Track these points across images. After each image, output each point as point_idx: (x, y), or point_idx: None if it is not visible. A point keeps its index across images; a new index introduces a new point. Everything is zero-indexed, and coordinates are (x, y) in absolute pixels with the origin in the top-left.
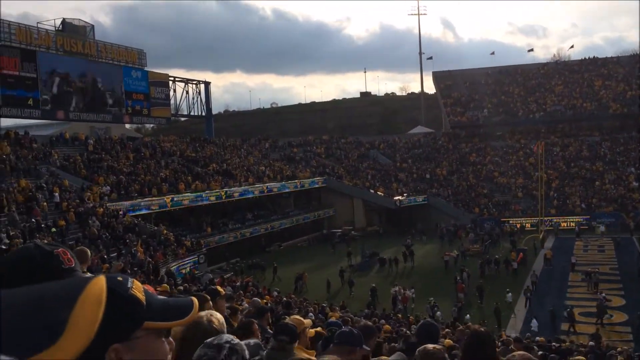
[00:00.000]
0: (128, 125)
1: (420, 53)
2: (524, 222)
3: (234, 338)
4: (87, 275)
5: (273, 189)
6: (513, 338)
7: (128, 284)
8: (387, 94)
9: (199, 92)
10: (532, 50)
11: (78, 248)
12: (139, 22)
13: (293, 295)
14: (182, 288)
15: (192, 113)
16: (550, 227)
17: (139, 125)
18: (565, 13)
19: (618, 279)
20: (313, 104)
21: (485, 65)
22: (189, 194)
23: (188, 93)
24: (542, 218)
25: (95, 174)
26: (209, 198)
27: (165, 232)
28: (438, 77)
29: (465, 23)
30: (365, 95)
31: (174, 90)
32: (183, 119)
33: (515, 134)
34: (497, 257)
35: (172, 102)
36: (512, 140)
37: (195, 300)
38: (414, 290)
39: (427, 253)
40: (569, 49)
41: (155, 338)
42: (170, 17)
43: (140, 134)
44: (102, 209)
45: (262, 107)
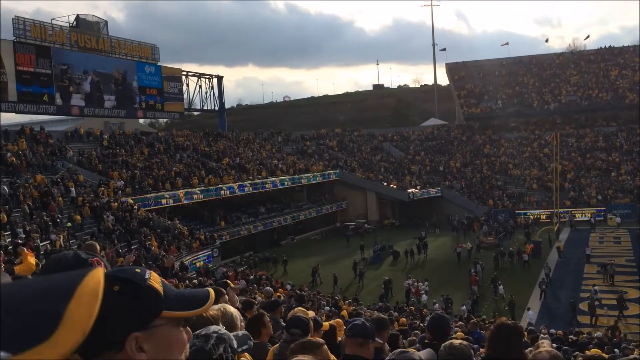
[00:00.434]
0: (142, 120)
1: (434, 44)
2: (539, 214)
3: (222, 328)
4: (83, 269)
5: (286, 183)
6: (526, 330)
7: (146, 275)
8: (400, 86)
9: (212, 86)
10: (548, 41)
11: (87, 242)
12: (152, 17)
13: (306, 289)
14: (196, 282)
15: (205, 107)
16: (564, 219)
17: (153, 120)
18: (580, 2)
19: (634, 271)
20: (325, 97)
21: (499, 56)
22: (203, 188)
23: (201, 87)
24: (557, 210)
25: (110, 169)
26: (222, 192)
27: (180, 226)
28: (451, 68)
29: (479, 14)
30: (378, 88)
31: (187, 85)
32: (196, 114)
33: (530, 125)
34: (511, 249)
35: (185, 96)
36: (526, 132)
37: (212, 291)
38: (428, 283)
39: (440, 245)
40: (585, 39)
41: (174, 327)
42: (183, 11)
43: (154, 129)
44: (116, 204)
45: (274, 100)
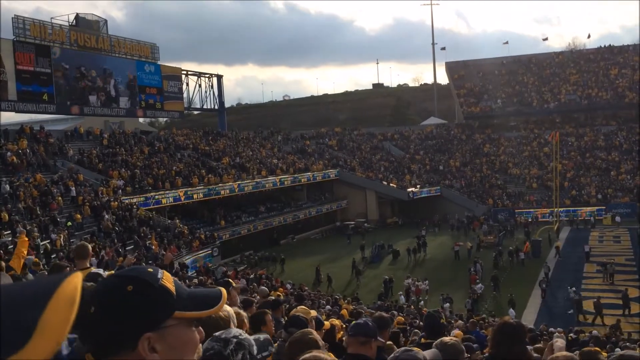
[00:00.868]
0: (141, 119)
1: (433, 43)
2: (539, 213)
3: (243, 332)
4: (61, 274)
5: (286, 182)
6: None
7: (158, 275)
8: (399, 85)
9: (212, 85)
10: (547, 39)
11: (79, 243)
12: (151, 16)
13: (307, 288)
14: (196, 281)
15: (204, 106)
16: (561, 219)
17: (152, 119)
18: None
19: (634, 270)
20: (325, 96)
21: (499, 55)
22: (203, 187)
23: (201, 86)
24: (557, 209)
25: (110, 168)
26: (222, 191)
27: (180, 225)
28: (451, 67)
29: (479, 13)
30: (378, 87)
31: (187, 84)
32: (196, 113)
33: (530, 124)
34: (511, 248)
35: (185, 95)
36: (526, 131)
37: (224, 291)
38: (428, 282)
39: (440, 245)
40: (587, 38)
41: (186, 327)
42: (182, 10)
43: (154, 128)
44: (116, 203)
45: (274, 99)
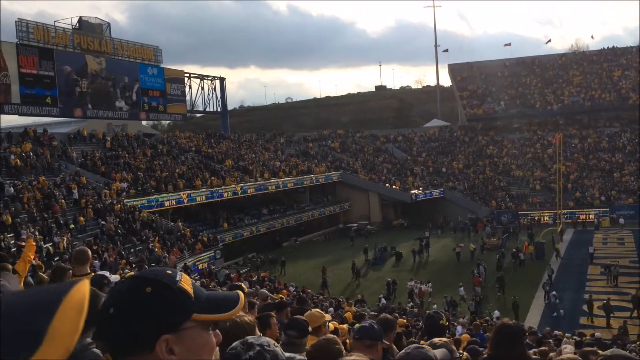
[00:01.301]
0: (144, 122)
1: (436, 45)
2: (542, 215)
3: (273, 344)
4: (69, 282)
5: (288, 184)
6: (529, 331)
7: (177, 277)
8: (402, 87)
9: (215, 88)
10: (550, 42)
11: (78, 248)
12: (154, 18)
13: (309, 290)
14: (198, 284)
15: (207, 109)
16: (564, 221)
17: (155, 122)
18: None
19: (638, 272)
20: (328, 99)
21: (502, 57)
22: (205, 190)
23: (203, 89)
24: (560, 211)
25: (113, 171)
26: (225, 194)
27: (182, 227)
28: (454, 69)
29: (481, 15)
30: (380, 89)
31: (190, 87)
32: (199, 115)
33: (533, 126)
34: (514, 250)
35: (187, 98)
36: (529, 133)
37: (242, 295)
38: (431, 284)
39: (443, 247)
40: (591, 39)
41: (203, 330)
42: (185, 13)
43: (157, 131)
44: (119, 206)
45: (277, 102)
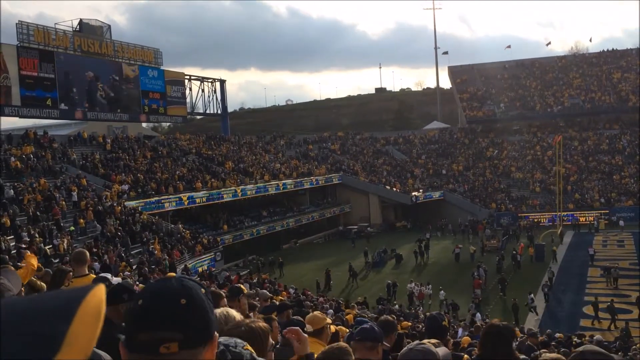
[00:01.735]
0: (145, 124)
1: (436, 48)
2: (542, 217)
3: (242, 346)
4: (85, 286)
5: (288, 186)
6: (529, 333)
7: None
8: (402, 90)
9: (215, 90)
10: (550, 44)
11: (77, 250)
12: (154, 21)
13: (309, 292)
14: None
15: (207, 111)
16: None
17: (156, 124)
18: (583, 4)
19: (638, 274)
20: (328, 101)
21: (502, 59)
22: (205, 192)
23: (204, 91)
24: (560, 213)
25: (113, 173)
26: (225, 196)
27: (183, 229)
28: (454, 71)
29: (481, 17)
30: (381, 91)
31: (190, 89)
32: (199, 117)
33: (532, 128)
34: (513, 252)
35: (188, 100)
36: (529, 135)
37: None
38: (431, 287)
39: (443, 249)
40: (589, 41)
41: None
42: (185, 15)
43: (157, 133)
44: (119, 208)
45: (277, 104)
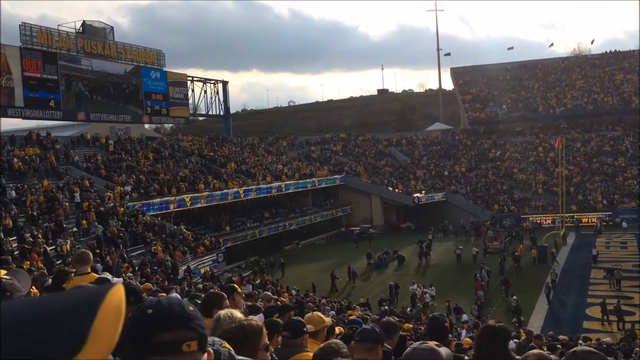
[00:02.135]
0: (147, 125)
1: (438, 49)
2: (545, 218)
3: (221, 344)
4: (104, 285)
5: (291, 188)
6: (534, 335)
7: None
8: (404, 91)
9: (217, 91)
10: (552, 45)
11: (80, 251)
12: (156, 22)
13: (311, 294)
14: (201, 287)
15: (210, 112)
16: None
17: (158, 125)
18: (585, 5)
19: None
20: (330, 102)
21: (504, 61)
22: (208, 193)
23: (206, 92)
24: (563, 214)
25: (116, 174)
26: (228, 197)
27: (185, 230)
28: (456, 73)
29: (483, 18)
30: (383, 93)
31: (192, 90)
32: (201, 119)
33: (535, 130)
34: (515, 253)
35: (190, 101)
36: (531, 136)
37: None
38: (434, 288)
39: (445, 250)
40: (591, 43)
41: None
42: (187, 17)
43: (159, 134)
44: (122, 209)
45: (279, 105)
